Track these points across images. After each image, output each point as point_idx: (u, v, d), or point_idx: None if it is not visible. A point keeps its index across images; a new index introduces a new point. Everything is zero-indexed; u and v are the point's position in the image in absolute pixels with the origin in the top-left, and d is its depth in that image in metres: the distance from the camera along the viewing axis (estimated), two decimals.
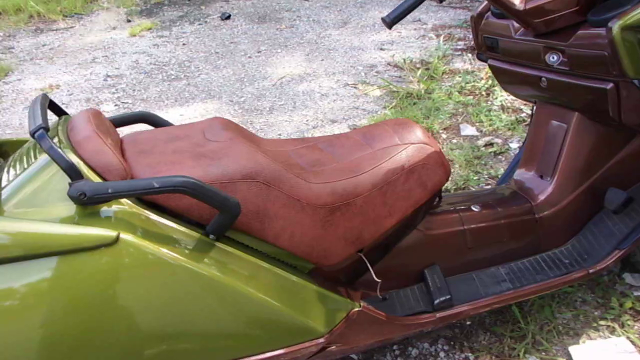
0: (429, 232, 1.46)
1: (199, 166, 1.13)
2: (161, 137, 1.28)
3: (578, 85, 1.36)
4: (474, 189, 2.34)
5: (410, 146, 1.34)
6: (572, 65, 1.35)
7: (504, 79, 1.65)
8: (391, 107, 3.08)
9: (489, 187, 2.31)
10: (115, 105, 3.33)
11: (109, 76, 3.73)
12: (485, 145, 2.64)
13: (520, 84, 1.59)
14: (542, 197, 1.56)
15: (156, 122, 1.48)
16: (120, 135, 1.30)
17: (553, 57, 1.38)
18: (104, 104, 3.33)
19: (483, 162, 2.52)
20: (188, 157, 1.17)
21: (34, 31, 4.61)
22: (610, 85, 1.29)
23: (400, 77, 3.49)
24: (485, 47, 1.62)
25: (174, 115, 3.17)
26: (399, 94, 3.19)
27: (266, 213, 1.15)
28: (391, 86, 3.31)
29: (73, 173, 1.00)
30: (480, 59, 1.71)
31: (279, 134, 2.94)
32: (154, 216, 1.07)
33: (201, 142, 1.23)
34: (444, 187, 2.35)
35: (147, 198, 1.09)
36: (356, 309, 1.27)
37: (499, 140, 2.65)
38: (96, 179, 1.05)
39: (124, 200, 1.05)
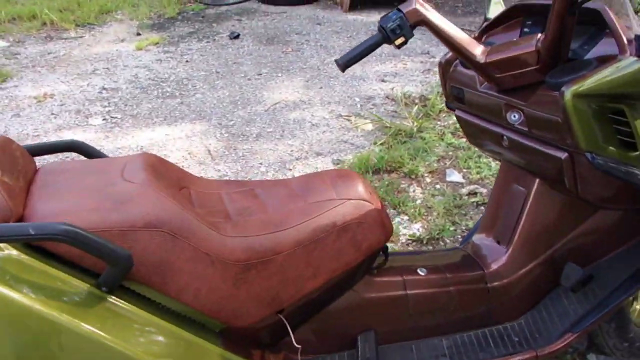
0: (366, 295, 1.35)
1: (98, 210, 1.05)
2: (78, 170, 1.20)
3: (535, 149, 1.26)
4: (447, 243, 2.22)
5: (347, 202, 1.24)
6: (531, 127, 1.25)
7: (469, 132, 1.54)
8: (380, 144, 2.99)
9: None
10: (104, 119, 3.30)
11: (104, 89, 3.72)
12: (469, 194, 2.52)
13: (484, 140, 1.48)
14: (495, 266, 1.44)
15: (86, 152, 1.41)
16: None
17: (514, 116, 1.28)
18: (92, 117, 3.31)
19: (463, 212, 2.39)
20: (91, 198, 1.08)
21: (43, 39, 4.66)
22: (565, 155, 1.17)
23: (395, 112, 3.40)
24: (453, 96, 1.52)
25: (159, 134, 3.13)
26: (390, 130, 3.09)
27: (169, 266, 1.06)
28: (383, 121, 3.21)
29: None
30: (449, 108, 1.61)
31: (260, 163, 2.86)
32: (38, 264, 0.99)
33: (114, 181, 1.14)
34: (415, 239, 2.24)
35: (37, 243, 1.01)
36: None
37: (484, 190, 2.52)
38: None
39: (3, 245, 0.97)
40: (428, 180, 2.67)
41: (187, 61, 4.30)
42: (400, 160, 2.75)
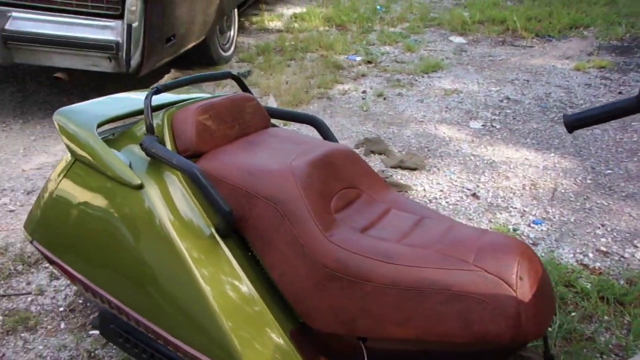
0: None
1: (246, 170, 1.20)
2: (286, 139, 1.37)
3: None
4: None
5: (480, 272, 0.99)
6: None
7: None
8: None
9: None
10: (483, 125, 3.30)
11: (507, 98, 3.66)
12: None
13: None
14: None
15: (321, 130, 1.53)
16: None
17: None
18: (474, 120, 3.36)
19: None
20: (257, 160, 1.24)
21: (496, 42, 4.88)
22: None
23: None
24: None
25: (519, 155, 2.90)
26: None
27: (270, 240, 1.15)
28: None
29: (149, 128, 1.26)
30: None
31: (602, 224, 2.29)
32: (186, 192, 1.22)
33: (288, 157, 1.25)
34: None
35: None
36: None
37: None
38: (169, 141, 1.28)
39: (176, 171, 1.24)
40: None
41: (619, 92, 3.70)
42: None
